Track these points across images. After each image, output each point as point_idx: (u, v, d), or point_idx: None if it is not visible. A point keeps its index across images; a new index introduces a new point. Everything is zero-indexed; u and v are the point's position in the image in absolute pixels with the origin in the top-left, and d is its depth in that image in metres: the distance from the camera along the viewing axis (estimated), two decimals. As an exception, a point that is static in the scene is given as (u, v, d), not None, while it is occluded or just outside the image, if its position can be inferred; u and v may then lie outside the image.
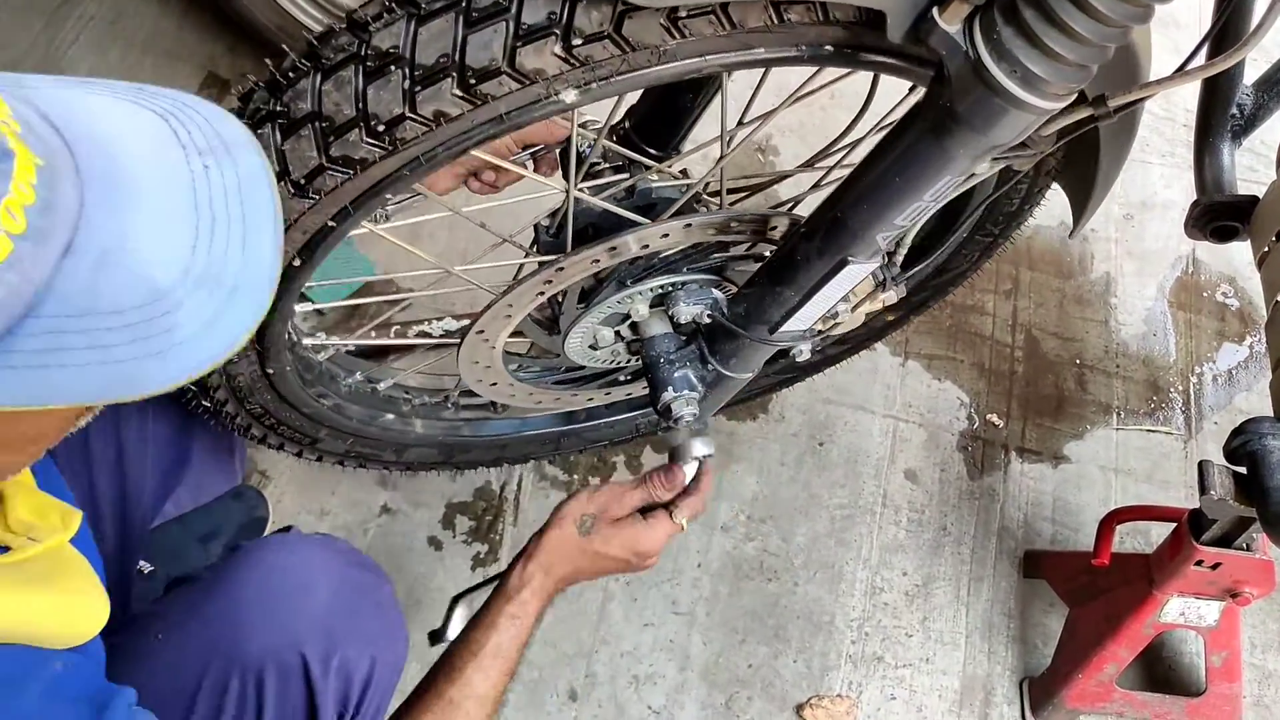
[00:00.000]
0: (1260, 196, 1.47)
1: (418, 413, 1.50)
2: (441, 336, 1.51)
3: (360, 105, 0.88)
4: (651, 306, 1.29)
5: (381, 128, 0.88)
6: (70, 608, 0.79)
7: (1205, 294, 2.13)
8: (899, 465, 1.87)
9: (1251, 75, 1.59)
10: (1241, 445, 1.27)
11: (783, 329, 1.20)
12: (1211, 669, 1.55)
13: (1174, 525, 1.43)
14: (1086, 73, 0.91)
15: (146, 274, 0.57)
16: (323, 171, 0.91)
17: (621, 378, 1.54)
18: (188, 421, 1.32)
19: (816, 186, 1.41)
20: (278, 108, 0.91)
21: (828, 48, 0.99)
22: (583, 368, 1.44)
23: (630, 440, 1.82)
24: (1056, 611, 1.72)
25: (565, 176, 1.15)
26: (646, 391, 1.34)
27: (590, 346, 1.35)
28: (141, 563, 1.40)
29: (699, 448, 1.24)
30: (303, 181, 0.91)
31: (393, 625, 1.08)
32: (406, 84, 0.87)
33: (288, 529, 1.48)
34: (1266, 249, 1.40)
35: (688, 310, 1.25)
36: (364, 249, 2.01)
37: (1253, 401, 1.96)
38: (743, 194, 1.47)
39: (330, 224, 0.97)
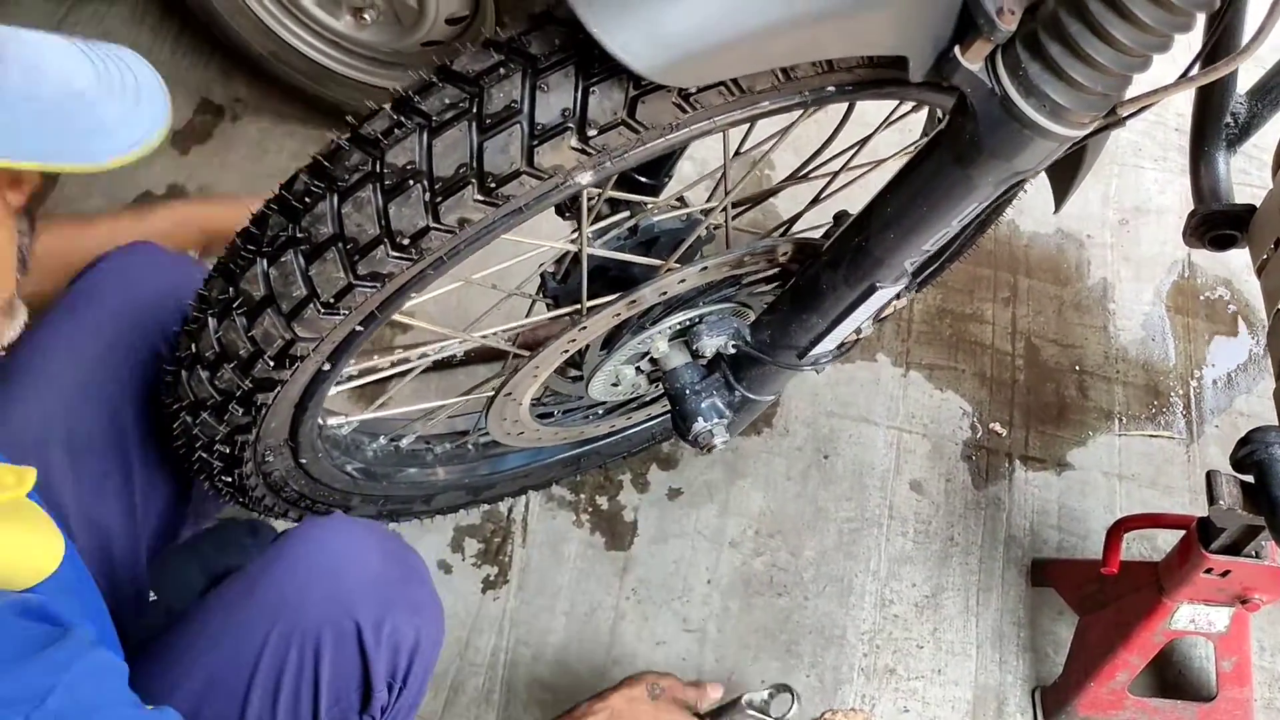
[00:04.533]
0: (1257, 205, 1.48)
1: (440, 460, 1.51)
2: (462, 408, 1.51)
3: (383, 223, 0.88)
4: (671, 339, 1.29)
5: (406, 241, 0.88)
6: (26, 545, 0.86)
7: (1202, 298, 2.15)
8: (904, 476, 1.87)
9: (1245, 83, 1.61)
10: (1248, 455, 1.28)
11: (811, 352, 1.21)
12: (1222, 674, 1.57)
13: (1182, 532, 1.44)
14: (1111, 99, 0.92)
15: (65, 79, 0.79)
16: (351, 289, 0.91)
17: (643, 401, 1.55)
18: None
19: (815, 202, 1.42)
20: (298, 233, 0.90)
21: (830, 89, 1.00)
22: (604, 402, 1.45)
23: (647, 447, 1.83)
24: (1066, 619, 1.74)
25: (577, 230, 1.15)
26: (664, 406, 1.34)
27: (613, 384, 1.35)
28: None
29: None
30: (332, 301, 0.91)
31: (434, 599, 1.14)
32: (427, 197, 0.87)
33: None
34: (1265, 257, 1.41)
35: (711, 343, 1.26)
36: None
37: (1253, 404, 1.98)
38: (743, 207, 1.48)
39: (358, 329, 0.97)
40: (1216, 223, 1.49)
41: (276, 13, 2.03)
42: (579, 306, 1.21)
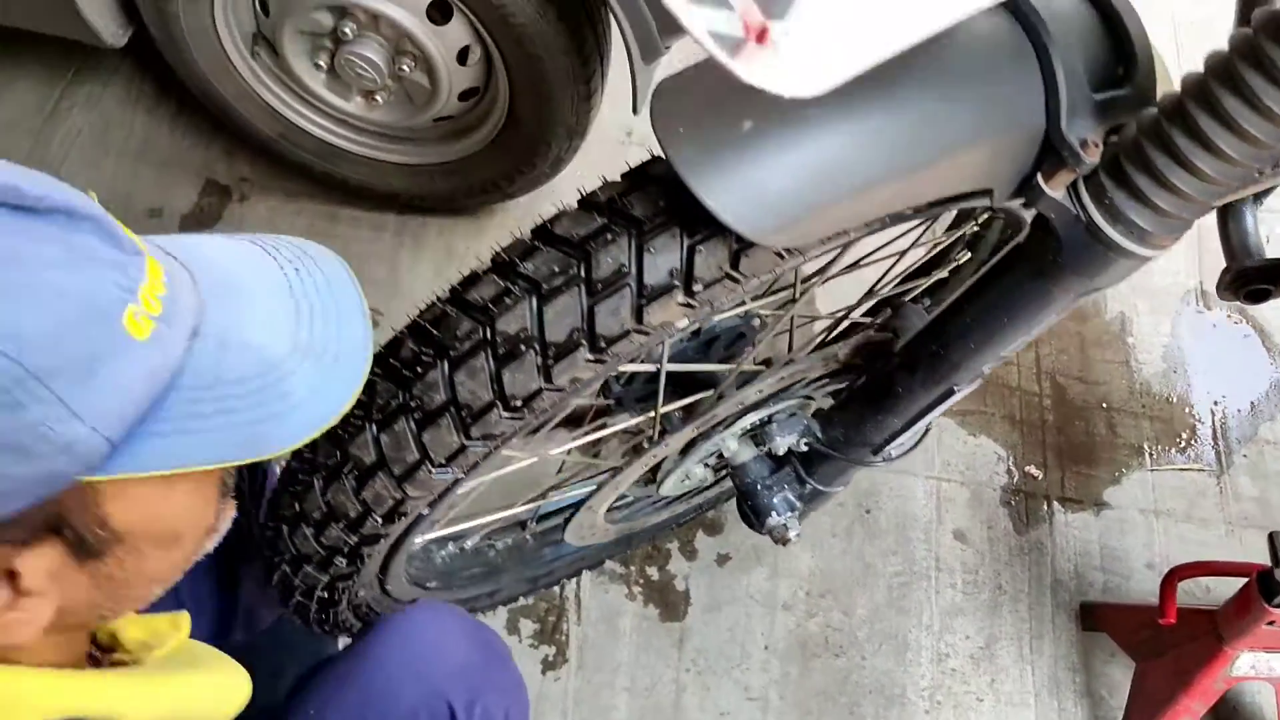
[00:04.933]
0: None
1: (501, 555, 1.52)
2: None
3: (496, 388, 0.89)
4: (741, 437, 1.31)
5: (519, 403, 0.89)
6: (220, 685, 0.87)
7: (1217, 326, 2.20)
8: (947, 526, 1.90)
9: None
10: (1311, 514, 1.32)
11: (886, 449, 1.23)
12: (1281, 714, 1.62)
13: (1241, 580, 1.48)
14: (1192, 221, 0.94)
15: (260, 349, 0.69)
16: (464, 450, 0.92)
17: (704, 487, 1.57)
18: (235, 568, 1.36)
19: (870, 294, 1.44)
20: (410, 401, 0.92)
21: (910, 213, 1.02)
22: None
23: (695, 517, 1.85)
24: (1118, 661, 1.77)
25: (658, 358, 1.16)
26: (722, 488, 1.36)
27: (683, 481, 1.37)
28: None
29: None
30: (444, 462, 0.92)
31: (518, 678, 1.18)
32: (540, 361, 0.88)
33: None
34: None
35: (784, 441, 1.27)
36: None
37: (1277, 431, 2.03)
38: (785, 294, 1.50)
39: (460, 477, 0.98)
40: (1250, 278, 1.52)
41: (285, 97, 2.03)
42: (652, 416, 1.22)
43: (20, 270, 0.56)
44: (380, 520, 0.99)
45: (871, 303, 1.28)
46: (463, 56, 1.80)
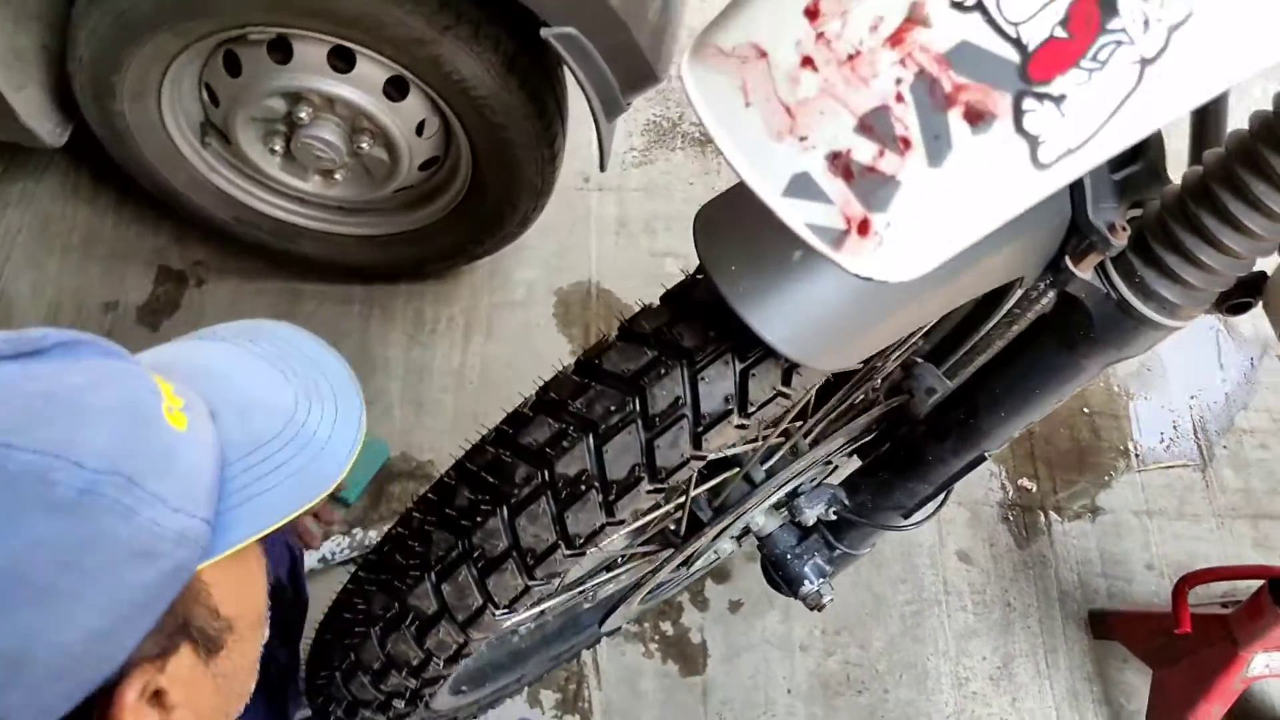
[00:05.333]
0: (1269, 272, 1.56)
1: (525, 640, 1.51)
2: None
3: (559, 529, 0.88)
4: (768, 510, 1.31)
5: (582, 541, 0.88)
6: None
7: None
8: (950, 548, 1.93)
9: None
10: (1319, 523, 1.36)
11: (917, 514, 1.24)
12: (1295, 705, 1.67)
13: (1254, 584, 1.52)
14: (1215, 292, 0.96)
15: (271, 405, 0.75)
16: (528, 590, 0.91)
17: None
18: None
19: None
20: (471, 549, 0.90)
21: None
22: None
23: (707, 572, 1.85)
24: (1131, 666, 1.81)
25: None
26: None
27: (712, 558, 1.36)
28: None
29: None
30: (508, 604, 0.91)
31: None
32: (601, 499, 0.87)
33: None
34: (1289, 322, 1.49)
35: (811, 513, 1.28)
36: (375, 429, 1.98)
37: (1252, 420, 2.09)
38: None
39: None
40: (1231, 292, 1.56)
41: (239, 182, 1.99)
42: (683, 501, 1.22)
43: (62, 403, 0.61)
44: (443, 663, 0.98)
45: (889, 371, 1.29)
46: (421, 128, 1.78)
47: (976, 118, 0.55)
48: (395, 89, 1.70)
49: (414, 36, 1.55)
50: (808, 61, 0.57)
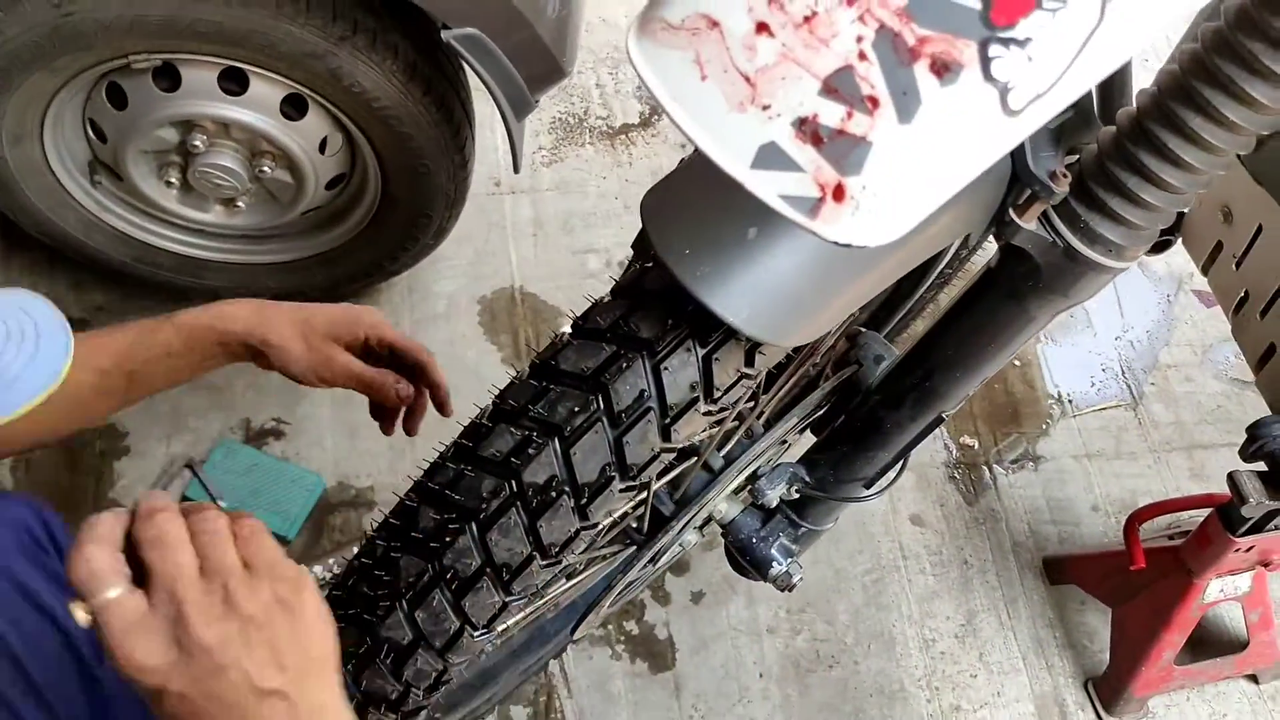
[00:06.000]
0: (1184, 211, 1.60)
1: (492, 659, 1.48)
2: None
3: (533, 539, 0.85)
4: (728, 496, 1.30)
5: (557, 550, 0.85)
6: None
7: (1096, 264, 2.29)
8: (902, 514, 1.94)
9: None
10: (1260, 448, 1.39)
11: (879, 482, 1.24)
12: (1250, 624, 1.71)
13: (1200, 512, 1.55)
14: (1158, 229, 0.97)
15: None
16: (505, 608, 0.87)
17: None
18: None
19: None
20: (442, 571, 0.87)
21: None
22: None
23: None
24: (1090, 607, 1.85)
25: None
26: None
27: (677, 550, 1.34)
28: None
29: None
30: (486, 623, 0.88)
31: None
32: (573, 504, 0.84)
33: None
34: (1207, 258, 1.53)
35: (773, 494, 1.26)
36: (307, 459, 1.91)
37: (1175, 355, 2.14)
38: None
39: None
40: (1151, 230, 1.59)
41: (135, 220, 1.90)
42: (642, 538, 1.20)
43: None
44: (423, 693, 0.94)
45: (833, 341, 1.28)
46: (323, 145, 1.72)
47: (943, 69, 0.54)
48: (293, 108, 1.64)
49: (308, 50, 1.49)
50: (763, 27, 0.55)
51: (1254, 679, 1.82)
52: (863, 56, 0.54)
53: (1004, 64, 0.54)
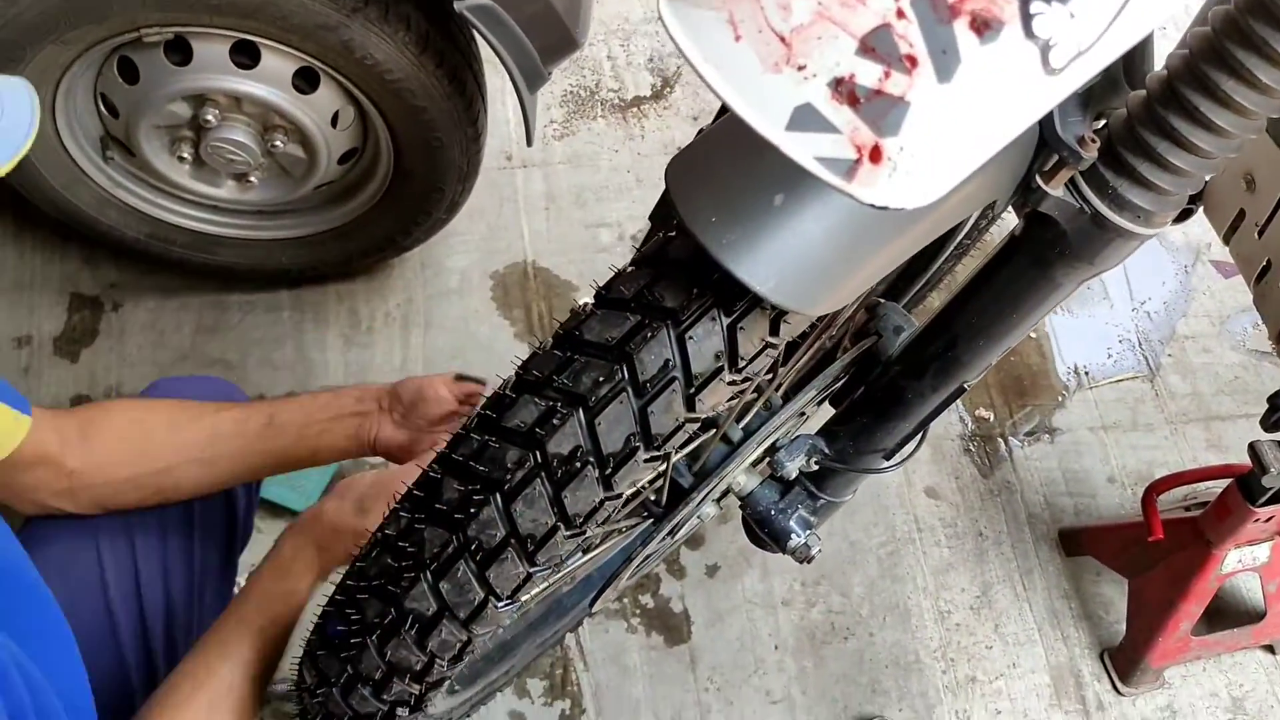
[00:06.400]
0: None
1: (510, 631, 1.47)
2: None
3: (558, 509, 0.84)
4: (748, 469, 1.29)
5: (581, 520, 0.85)
6: None
7: (1112, 235, 2.28)
8: (917, 486, 1.94)
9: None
10: (1280, 418, 1.39)
11: (900, 453, 1.23)
12: (1269, 595, 1.71)
13: (1221, 484, 1.55)
14: (1186, 195, 0.96)
15: None
16: (530, 578, 0.87)
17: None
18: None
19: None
20: (467, 542, 0.86)
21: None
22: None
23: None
24: (1105, 578, 1.84)
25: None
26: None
27: (696, 521, 1.34)
28: None
29: None
30: (510, 593, 0.87)
31: None
32: (598, 474, 0.83)
33: None
34: (1229, 226, 1.51)
35: (792, 466, 1.26)
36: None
37: (1192, 325, 2.13)
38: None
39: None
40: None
41: (148, 196, 1.90)
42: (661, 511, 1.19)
43: None
44: (447, 664, 0.94)
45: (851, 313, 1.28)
46: (335, 119, 1.71)
47: (984, 27, 0.53)
48: (305, 81, 1.64)
49: (320, 22, 1.48)
50: (798, -15, 0.54)
51: (1270, 649, 1.82)
52: (901, 14, 0.53)
53: (1046, 20, 0.53)
